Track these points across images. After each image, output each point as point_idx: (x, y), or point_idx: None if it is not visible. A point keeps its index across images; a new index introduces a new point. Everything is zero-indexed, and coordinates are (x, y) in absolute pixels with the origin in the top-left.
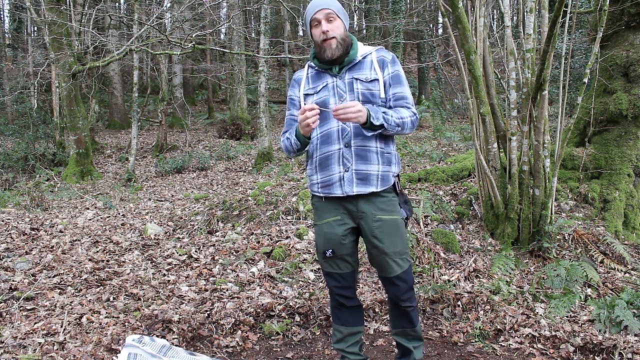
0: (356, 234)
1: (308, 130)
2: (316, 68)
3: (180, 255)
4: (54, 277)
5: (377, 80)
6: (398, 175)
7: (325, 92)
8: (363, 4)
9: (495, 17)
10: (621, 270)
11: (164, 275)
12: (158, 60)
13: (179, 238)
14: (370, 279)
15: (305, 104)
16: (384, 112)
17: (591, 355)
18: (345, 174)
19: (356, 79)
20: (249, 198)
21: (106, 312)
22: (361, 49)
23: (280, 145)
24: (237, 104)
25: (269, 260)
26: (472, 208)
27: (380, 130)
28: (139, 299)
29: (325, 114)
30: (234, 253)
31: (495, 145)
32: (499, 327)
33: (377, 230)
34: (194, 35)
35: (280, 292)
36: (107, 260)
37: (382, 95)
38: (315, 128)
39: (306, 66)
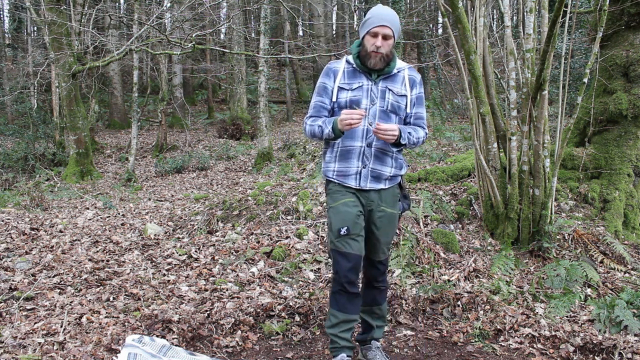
0: (364, 219)
1: (348, 129)
2: (354, 66)
3: (180, 255)
4: (54, 277)
5: (405, 96)
6: (402, 176)
7: (359, 92)
8: (363, 4)
9: (495, 17)
10: (621, 270)
11: (164, 275)
12: (158, 60)
13: (179, 238)
14: None
15: (338, 97)
16: (409, 133)
17: (591, 355)
18: (362, 169)
19: (389, 89)
20: (249, 198)
21: (106, 312)
22: (397, 64)
23: (305, 128)
24: (237, 104)
25: (269, 260)
26: (472, 208)
27: (401, 147)
28: (139, 299)
29: None
30: (234, 253)
31: (495, 145)
32: (498, 327)
33: (378, 220)
34: (194, 35)
35: (280, 292)
36: (107, 260)
37: (408, 111)
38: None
39: (343, 60)
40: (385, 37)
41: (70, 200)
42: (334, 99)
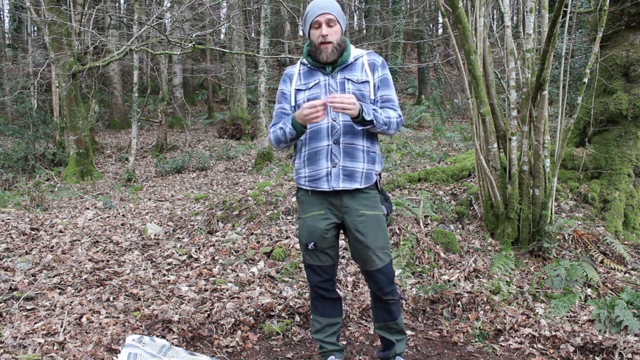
0: (338, 229)
1: (313, 122)
2: (309, 65)
3: (180, 255)
4: (54, 277)
5: (367, 82)
6: (380, 174)
7: (317, 89)
8: (363, 4)
9: (495, 17)
10: (621, 270)
11: (164, 275)
12: (158, 60)
13: (179, 238)
14: None
15: (296, 99)
16: (374, 109)
17: (591, 355)
18: (332, 169)
19: (348, 79)
20: (249, 198)
21: (106, 312)
22: (353, 52)
23: (270, 138)
24: (237, 104)
25: (269, 260)
26: (472, 208)
27: (369, 127)
28: (139, 299)
29: None
30: (234, 253)
31: (495, 145)
32: (499, 327)
33: (360, 225)
34: (194, 35)
35: (280, 292)
36: (107, 260)
37: (372, 97)
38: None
39: (298, 63)
40: (329, 24)
41: (70, 201)
42: (292, 103)
